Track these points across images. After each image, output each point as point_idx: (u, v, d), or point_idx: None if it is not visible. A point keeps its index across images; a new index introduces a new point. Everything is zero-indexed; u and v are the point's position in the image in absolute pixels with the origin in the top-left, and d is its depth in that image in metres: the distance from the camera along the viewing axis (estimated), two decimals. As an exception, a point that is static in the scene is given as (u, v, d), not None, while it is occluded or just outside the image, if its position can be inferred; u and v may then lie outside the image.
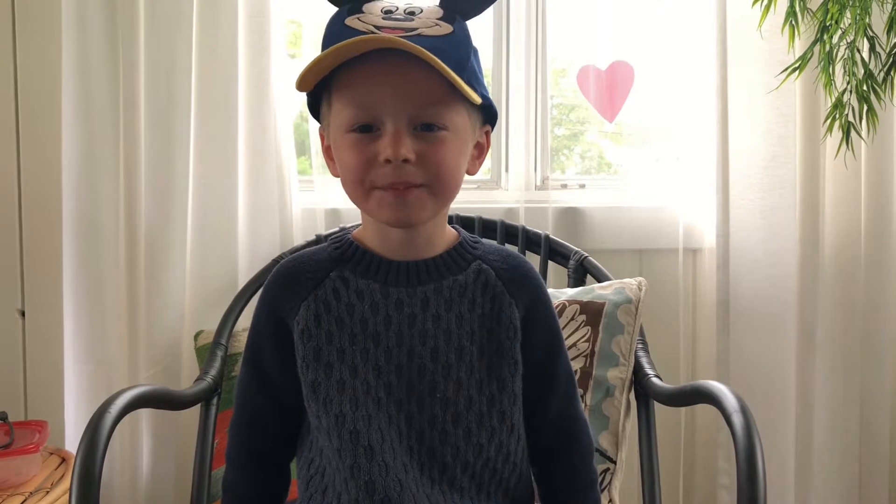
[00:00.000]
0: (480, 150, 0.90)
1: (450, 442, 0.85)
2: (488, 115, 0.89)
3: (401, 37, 0.78)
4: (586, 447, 0.95)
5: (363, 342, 0.85)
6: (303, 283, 0.87)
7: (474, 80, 0.83)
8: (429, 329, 0.85)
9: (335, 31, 0.82)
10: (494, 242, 0.97)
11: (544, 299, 0.92)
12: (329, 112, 0.85)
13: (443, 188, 0.83)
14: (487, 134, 0.90)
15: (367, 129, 0.81)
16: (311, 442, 0.89)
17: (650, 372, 1.33)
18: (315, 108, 0.89)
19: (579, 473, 0.94)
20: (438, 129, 0.81)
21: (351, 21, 0.81)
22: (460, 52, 0.81)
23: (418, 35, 0.80)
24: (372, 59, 0.78)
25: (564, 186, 1.84)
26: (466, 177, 0.89)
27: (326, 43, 0.82)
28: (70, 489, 0.89)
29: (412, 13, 0.83)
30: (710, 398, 1.04)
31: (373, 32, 0.80)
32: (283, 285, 0.89)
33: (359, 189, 0.82)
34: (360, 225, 0.90)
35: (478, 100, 0.82)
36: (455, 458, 0.85)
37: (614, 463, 1.31)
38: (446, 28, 0.82)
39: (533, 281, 0.92)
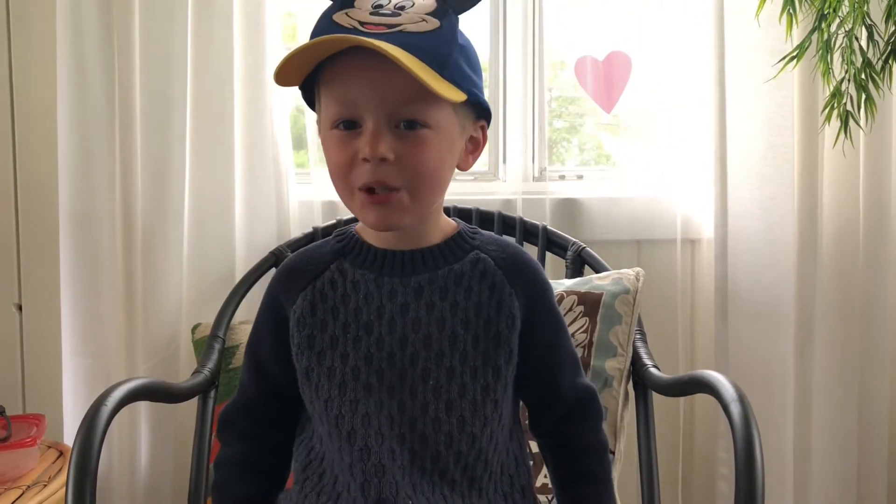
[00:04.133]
0: (476, 145, 0.89)
1: (443, 430, 0.85)
2: (482, 110, 0.88)
3: (382, 33, 0.78)
4: (598, 411, 0.97)
5: (355, 331, 0.87)
6: (304, 276, 0.90)
7: (458, 76, 0.82)
8: (422, 317, 0.86)
9: (321, 26, 0.82)
10: (493, 234, 0.97)
11: (545, 286, 0.93)
12: (320, 107, 0.86)
13: (422, 190, 0.83)
14: (483, 129, 0.89)
15: (351, 126, 0.81)
16: (313, 430, 0.91)
17: (648, 362, 1.33)
18: (312, 102, 0.89)
19: (593, 433, 0.96)
20: (420, 127, 0.80)
21: (338, 17, 0.81)
22: (442, 49, 0.80)
23: (400, 31, 0.79)
24: (353, 56, 0.78)
25: (562, 178, 1.84)
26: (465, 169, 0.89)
27: (312, 36, 0.82)
28: (66, 482, 0.90)
29: (402, 7, 0.82)
30: (707, 388, 1.04)
31: (356, 29, 0.79)
32: (285, 278, 0.92)
33: (344, 188, 0.84)
34: None
35: (457, 98, 0.81)
36: (448, 448, 0.86)
37: (612, 454, 1.31)
38: (433, 23, 0.81)
39: (532, 270, 0.92)
